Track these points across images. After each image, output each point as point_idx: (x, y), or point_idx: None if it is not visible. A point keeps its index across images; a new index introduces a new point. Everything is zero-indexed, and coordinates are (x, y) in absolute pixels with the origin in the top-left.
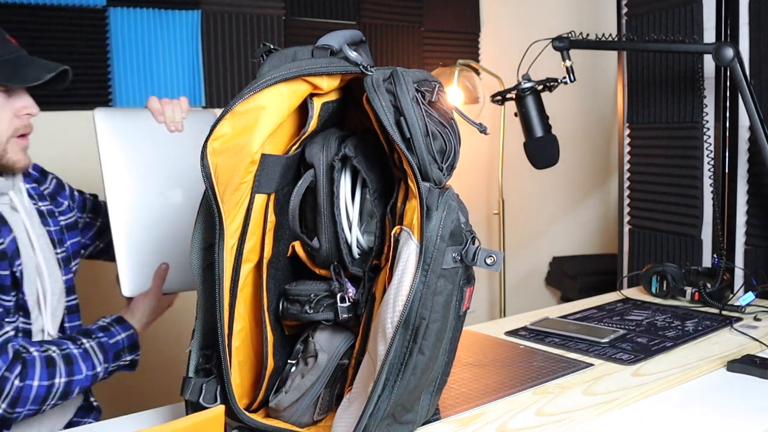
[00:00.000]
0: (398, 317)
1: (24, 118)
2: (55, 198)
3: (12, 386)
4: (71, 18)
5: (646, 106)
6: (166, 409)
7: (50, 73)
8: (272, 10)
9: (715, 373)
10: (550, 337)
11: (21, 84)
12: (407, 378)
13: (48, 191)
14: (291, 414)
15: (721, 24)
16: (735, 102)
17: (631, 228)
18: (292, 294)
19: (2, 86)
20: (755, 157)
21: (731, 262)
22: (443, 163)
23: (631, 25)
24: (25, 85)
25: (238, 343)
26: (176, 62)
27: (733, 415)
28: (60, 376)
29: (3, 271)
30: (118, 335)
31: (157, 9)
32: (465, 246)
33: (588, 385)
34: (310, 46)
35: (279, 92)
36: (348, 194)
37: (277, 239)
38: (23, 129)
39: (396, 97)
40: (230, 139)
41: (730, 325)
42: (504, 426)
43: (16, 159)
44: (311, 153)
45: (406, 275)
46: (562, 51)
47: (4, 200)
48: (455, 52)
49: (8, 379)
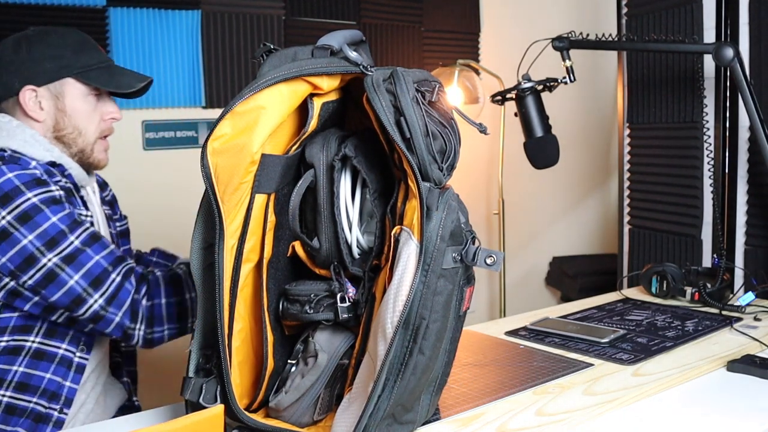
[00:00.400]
0: (398, 317)
1: (109, 121)
2: (112, 206)
3: (143, 307)
4: (71, 18)
5: (646, 106)
6: (166, 409)
7: (141, 83)
8: (272, 10)
9: (715, 373)
10: (550, 337)
11: (115, 89)
12: (407, 378)
13: (107, 199)
14: (291, 414)
15: (721, 24)
16: (735, 102)
17: (631, 228)
18: (292, 294)
19: (95, 90)
20: (755, 157)
21: (731, 262)
22: (443, 163)
23: (631, 25)
24: (118, 90)
25: (238, 343)
26: (176, 62)
27: (733, 415)
28: (189, 291)
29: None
30: None
31: (157, 9)
32: (465, 246)
33: (588, 385)
34: (310, 46)
35: (279, 92)
36: (348, 194)
37: (277, 239)
38: (107, 131)
39: (396, 97)
40: (230, 139)
41: (730, 325)
42: (504, 426)
43: (101, 158)
44: (311, 153)
45: (406, 275)
46: (562, 51)
47: (83, 193)
48: (455, 52)
49: (138, 301)
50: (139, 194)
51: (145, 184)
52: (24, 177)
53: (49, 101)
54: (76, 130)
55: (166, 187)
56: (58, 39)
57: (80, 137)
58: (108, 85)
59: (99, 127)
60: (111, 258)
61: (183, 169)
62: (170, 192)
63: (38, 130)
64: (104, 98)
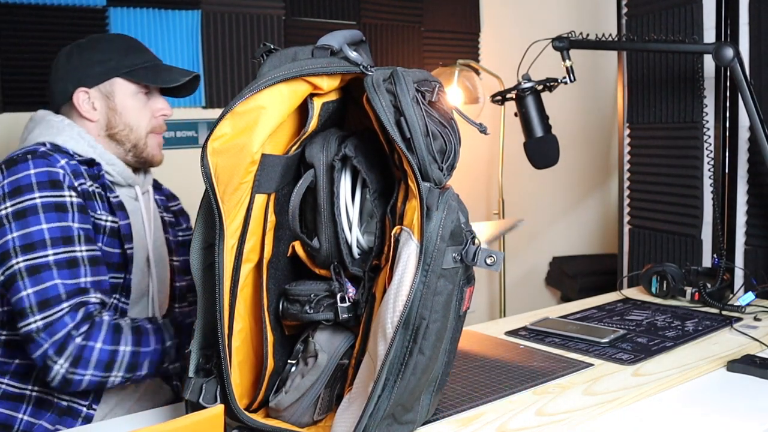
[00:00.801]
0: (398, 317)
1: (160, 118)
2: (177, 217)
3: (74, 345)
4: (71, 18)
5: (646, 106)
6: (166, 409)
7: (185, 77)
8: (272, 10)
9: (715, 373)
10: (550, 337)
11: (159, 84)
12: (407, 378)
13: (173, 209)
14: (291, 414)
15: (721, 24)
16: (735, 102)
17: (631, 228)
18: (292, 294)
19: (144, 88)
20: (755, 157)
21: (731, 262)
22: (443, 163)
23: (631, 25)
24: (163, 85)
25: (238, 343)
26: (176, 62)
27: (733, 415)
28: (126, 345)
29: (115, 249)
30: None
31: (157, 9)
32: (465, 246)
33: (588, 385)
34: (310, 46)
35: (279, 92)
36: (348, 194)
37: (277, 239)
38: (159, 128)
39: (396, 97)
40: (230, 139)
41: (730, 325)
42: (504, 426)
43: (155, 153)
44: (311, 153)
45: (406, 275)
46: (562, 51)
47: (130, 192)
48: (455, 52)
49: (73, 337)
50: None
51: None
52: (42, 176)
53: (101, 101)
54: (127, 127)
55: (165, 187)
56: (107, 44)
57: (132, 133)
58: (154, 81)
59: (150, 123)
60: (71, 287)
61: (183, 169)
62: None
63: (92, 129)
64: (154, 96)
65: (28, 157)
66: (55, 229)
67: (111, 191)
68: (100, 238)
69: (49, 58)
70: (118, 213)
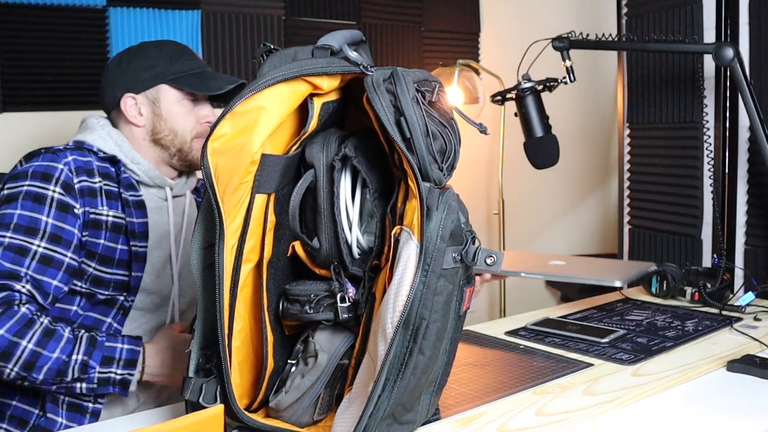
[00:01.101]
0: (398, 317)
1: (205, 125)
2: None
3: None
4: (71, 18)
5: (646, 106)
6: (166, 409)
7: (230, 84)
8: (272, 10)
9: (715, 373)
10: (550, 337)
11: (202, 92)
12: (407, 378)
13: None
14: (291, 414)
15: (721, 24)
16: (735, 102)
17: (631, 228)
18: (292, 294)
19: (189, 95)
20: (755, 157)
21: (731, 262)
22: (443, 163)
23: (631, 25)
24: (208, 93)
25: (238, 343)
26: None
27: (733, 415)
28: (29, 342)
29: (118, 244)
30: (120, 344)
31: (157, 9)
32: (465, 246)
33: (588, 385)
34: (310, 46)
35: (279, 92)
36: (348, 194)
37: (277, 239)
38: (204, 134)
39: (396, 97)
40: (230, 139)
41: (730, 325)
42: (504, 426)
43: (199, 156)
44: (311, 153)
45: (406, 275)
46: (562, 51)
47: (160, 193)
48: (455, 52)
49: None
50: None
51: None
52: (40, 168)
53: (147, 107)
54: (172, 133)
55: None
56: (155, 50)
57: (176, 138)
58: (198, 89)
59: (195, 129)
60: (5, 269)
61: None
62: None
63: (138, 133)
64: (201, 103)
65: (42, 151)
66: (24, 217)
67: (134, 189)
68: (101, 233)
69: (49, 58)
70: (134, 211)
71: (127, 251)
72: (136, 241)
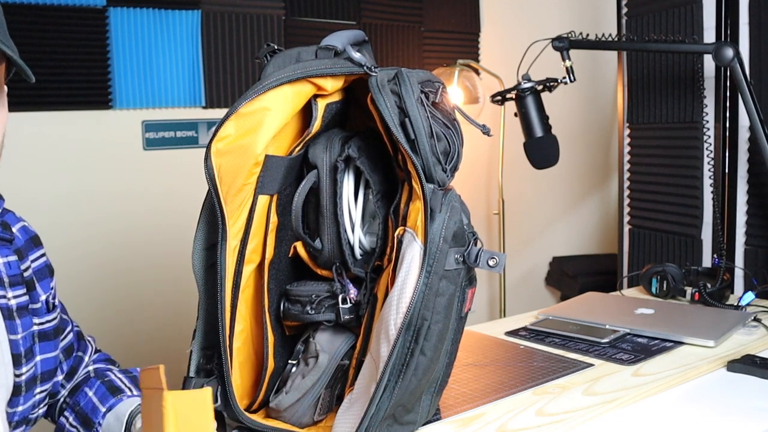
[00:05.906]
0: (401, 319)
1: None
2: (34, 284)
3: None
4: (71, 18)
5: (646, 106)
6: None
7: None
8: (272, 10)
9: (715, 373)
10: (550, 337)
11: None
12: (408, 379)
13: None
14: (291, 414)
15: (721, 24)
16: (735, 102)
17: (631, 228)
18: (294, 294)
19: None
20: (755, 157)
21: (731, 262)
22: (447, 165)
23: (631, 25)
24: None
25: (239, 344)
26: (176, 62)
27: (733, 415)
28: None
29: None
30: None
31: (157, 9)
32: (467, 247)
33: (588, 385)
34: (313, 47)
35: (283, 93)
36: (351, 195)
37: (279, 240)
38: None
39: (401, 98)
40: (234, 140)
41: None
42: (504, 426)
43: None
44: (314, 154)
45: (409, 277)
46: (562, 51)
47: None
48: (455, 52)
49: None
50: (138, 194)
51: (145, 183)
52: None
53: None
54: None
55: (165, 187)
56: None
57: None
58: None
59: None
60: None
61: (183, 169)
62: (170, 191)
63: None
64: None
65: None
66: None
67: None
68: None
69: (48, 58)
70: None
71: None
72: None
